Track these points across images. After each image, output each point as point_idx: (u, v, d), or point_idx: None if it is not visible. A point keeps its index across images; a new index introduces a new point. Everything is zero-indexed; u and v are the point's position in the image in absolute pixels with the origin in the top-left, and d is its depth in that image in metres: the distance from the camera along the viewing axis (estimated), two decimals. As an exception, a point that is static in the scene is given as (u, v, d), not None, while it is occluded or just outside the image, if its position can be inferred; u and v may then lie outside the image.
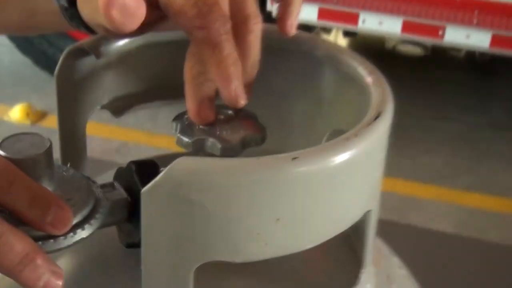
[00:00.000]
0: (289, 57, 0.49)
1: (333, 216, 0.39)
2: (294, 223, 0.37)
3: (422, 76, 3.00)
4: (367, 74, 0.45)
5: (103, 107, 0.50)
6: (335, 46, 0.48)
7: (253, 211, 0.36)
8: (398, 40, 2.57)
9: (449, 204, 2.27)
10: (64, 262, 0.43)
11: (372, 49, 3.07)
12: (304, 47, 0.48)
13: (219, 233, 0.36)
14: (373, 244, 0.46)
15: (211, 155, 0.44)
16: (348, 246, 0.49)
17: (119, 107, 0.50)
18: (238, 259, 0.37)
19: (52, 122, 2.34)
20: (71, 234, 0.38)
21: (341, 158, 0.37)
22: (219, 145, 0.43)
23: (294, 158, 0.36)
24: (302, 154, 0.37)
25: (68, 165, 0.42)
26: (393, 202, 2.17)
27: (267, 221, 0.37)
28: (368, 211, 0.42)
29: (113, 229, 0.42)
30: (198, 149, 0.44)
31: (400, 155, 2.44)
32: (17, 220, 0.36)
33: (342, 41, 3.00)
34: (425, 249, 0.91)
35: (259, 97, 0.48)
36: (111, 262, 0.44)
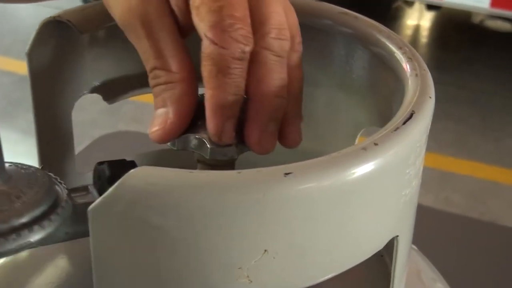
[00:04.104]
0: (311, 34, 0.39)
1: (341, 247, 0.30)
2: (287, 256, 0.29)
3: (511, 54, 2.82)
4: (406, 60, 0.35)
5: (93, 91, 0.42)
6: (368, 22, 0.38)
7: (233, 240, 0.28)
8: (486, 14, 2.41)
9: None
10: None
11: (457, 23, 2.91)
12: (330, 23, 0.39)
13: (188, 267, 0.28)
14: (409, 270, 0.37)
15: (201, 158, 0.36)
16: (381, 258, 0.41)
17: (111, 92, 0.42)
18: (215, 298, 0.29)
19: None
20: (13, 235, 0.30)
21: (353, 174, 0.28)
22: (208, 146, 0.34)
23: (287, 174, 0.27)
24: (298, 169, 0.28)
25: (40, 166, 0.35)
26: (471, 186, 2.04)
27: (252, 253, 0.28)
28: (394, 238, 0.32)
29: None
30: (184, 148, 0.35)
31: (483, 137, 2.30)
32: None
33: (426, 15, 2.86)
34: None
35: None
36: None
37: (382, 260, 0.41)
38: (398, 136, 0.30)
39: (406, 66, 0.35)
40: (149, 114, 0.34)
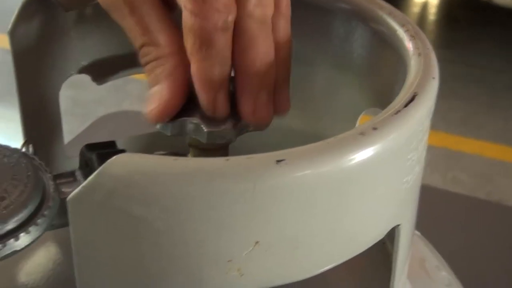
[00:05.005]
0: (309, 11, 0.37)
1: (337, 238, 0.28)
2: (280, 248, 0.27)
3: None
4: (408, 38, 0.33)
5: (81, 71, 0.40)
6: (369, -2, 0.36)
7: (222, 231, 0.26)
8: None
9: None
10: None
11: (466, 1, 2.87)
12: (329, -1, 0.37)
13: (174, 260, 0.26)
14: (412, 258, 0.35)
15: (196, 140, 0.34)
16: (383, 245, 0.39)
17: (101, 73, 0.41)
18: (205, 291, 0.27)
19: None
20: None
21: (350, 160, 0.26)
22: (204, 129, 0.33)
23: (280, 161, 0.25)
24: (291, 155, 0.26)
25: (29, 149, 0.33)
26: (479, 166, 2.02)
27: (242, 245, 0.26)
28: (396, 227, 0.31)
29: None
30: (178, 133, 0.34)
31: (491, 115, 2.27)
32: None
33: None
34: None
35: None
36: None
37: (384, 247, 0.40)
38: (399, 120, 0.28)
39: (409, 45, 0.33)
40: None
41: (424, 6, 2.97)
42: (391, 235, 0.32)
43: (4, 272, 0.40)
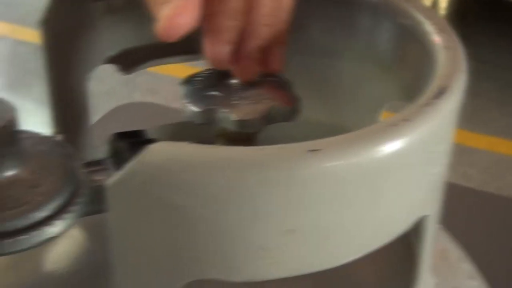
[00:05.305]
0: (335, 4, 0.38)
1: (365, 227, 0.29)
2: (313, 236, 0.27)
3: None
4: (436, 32, 0.34)
5: (109, 61, 0.41)
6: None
7: (256, 220, 0.27)
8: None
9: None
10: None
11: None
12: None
13: (209, 246, 0.27)
14: (434, 250, 0.36)
15: (226, 130, 0.35)
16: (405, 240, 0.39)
17: (129, 63, 0.41)
18: (238, 278, 0.28)
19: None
20: (36, 231, 0.29)
21: (383, 151, 0.27)
22: (233, 118, 0.33)
23: (314, 150, 0.26)
24: (325, 145, 0.26)
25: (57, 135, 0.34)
26: (488, 161, 2.02)
27: (276, 233, 0.27)
28: (423, 217, 0.31)
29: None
30: (208, 122, 0.34)
31: (500, 111, 2.27)
32: None
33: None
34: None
35: (294, 57, 0.38)
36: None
37: (406, 239, 0.40)
38: (430, 112, 0.28)
39: (436, 39, 0.33)
40: (166, 85, 0.33)
41: (434, 2, 2.96)
42: (415, 227, 0.33)
43: (30, 260, 0.41)
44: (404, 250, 0.39)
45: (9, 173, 0.30)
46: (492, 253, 0.71)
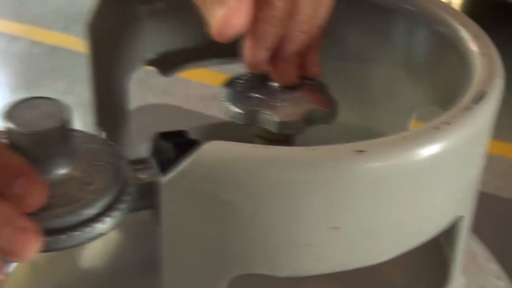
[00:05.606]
0: (370, 10, 0.39)
1: (407, 225, 0.30)
2: (356, 233, 0.29)
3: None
4: (472, 39, 0.35)
5: (149, 63, 0.42)
6: (431, -1, 0.38)
7: (303, 217, 0.28)
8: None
9: None
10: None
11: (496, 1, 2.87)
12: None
13: (257, 242, 0.28)
14: (464, 251, 0.37)
15: (265, 131, 0.36)
16: (436, 243, 0.40)
17: (168, 65, 0.42)
18: (282, 273, 0.29)
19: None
20: (87, 228, 0.30)
21: (425, 153, 0.28)
22: (275, 119, 0.35)
23: (360, 152, 0.27)
24: (371, 146, 0.27)
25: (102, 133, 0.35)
26: (502, 166, 2.02)
27: (322, 230, 0.28)
28: (458, 218, 0.32)
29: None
30: (250, 123, 0.35)
31: (514, 116, 2.27)
32: None
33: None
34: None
35: (331, 62, 0.39)
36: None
37: (436, 240, 0.41)
38: (471, 116, 0.29)
39: (472, 45, 0.34)
40: (178, 87, 0.33)
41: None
42: (450, 227, 0.34)
43: (67, 259, 0.42)
44: (433, 252, 0.40)
45: (63, 171, 0.31)
46: (504, 257, 0.72)
